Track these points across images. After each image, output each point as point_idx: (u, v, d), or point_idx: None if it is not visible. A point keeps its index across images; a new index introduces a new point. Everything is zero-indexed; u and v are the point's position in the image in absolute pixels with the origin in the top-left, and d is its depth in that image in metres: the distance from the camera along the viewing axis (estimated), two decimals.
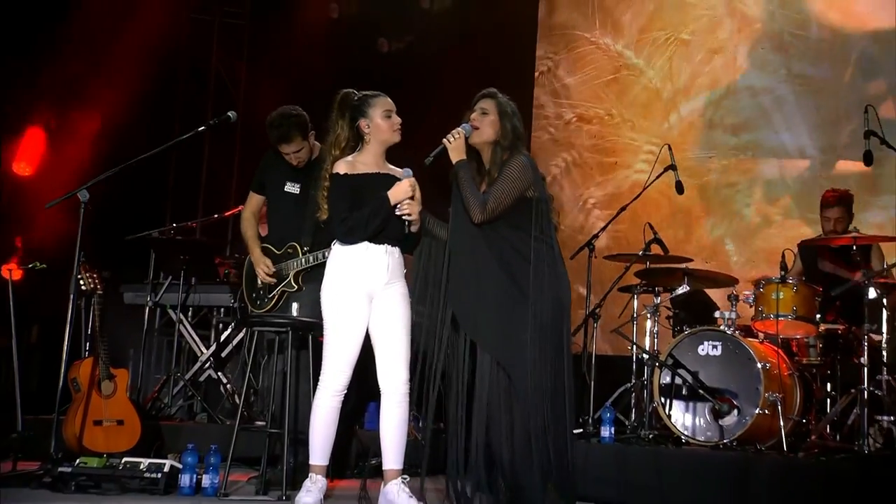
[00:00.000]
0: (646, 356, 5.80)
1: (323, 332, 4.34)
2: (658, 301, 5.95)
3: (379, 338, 4.28)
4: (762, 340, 5.60)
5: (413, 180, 4.25)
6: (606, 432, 5.41)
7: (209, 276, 6.93)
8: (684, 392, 5.44)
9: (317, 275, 4.74)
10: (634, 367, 5.95)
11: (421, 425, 4.65)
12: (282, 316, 4.86)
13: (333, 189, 4.26)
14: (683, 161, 5.96)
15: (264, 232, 5.28)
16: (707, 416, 5.37)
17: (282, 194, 5.14)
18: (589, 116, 8.02)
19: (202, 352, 7.01)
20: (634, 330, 5.95)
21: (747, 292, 5.64)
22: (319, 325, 4.40)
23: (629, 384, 5.97)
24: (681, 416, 5.44)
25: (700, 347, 5.48)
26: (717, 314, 5.64)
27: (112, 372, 5.44)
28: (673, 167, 6.07)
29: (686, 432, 5.38)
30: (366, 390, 4.53)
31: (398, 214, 4.21)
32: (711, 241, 7.21)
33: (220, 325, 7.11)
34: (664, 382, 5.51)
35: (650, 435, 5.49)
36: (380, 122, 4.31)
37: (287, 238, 5.06)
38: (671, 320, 5.99)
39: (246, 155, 8.41)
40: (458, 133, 4.17)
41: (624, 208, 6.26)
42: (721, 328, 5.51)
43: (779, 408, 5.19)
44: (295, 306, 4.85)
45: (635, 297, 6.02)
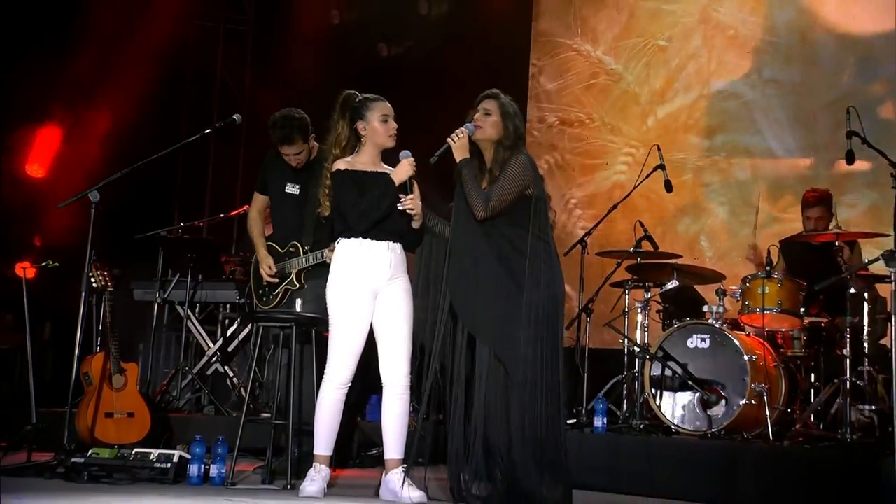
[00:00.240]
0: (637, 349, 5.81)
1: (326, 328, 4.35)
2: (648, 296, 5.96)
3: (382, 332, 4.29)
4: (749, 333, 5.61)
5: (412, 159, 4.27)
6: (599, 422, 5.43)
7: (216, 274, 6.94)
8: (674, 383, 5.45)
9: (318, 273, 4.75)
10: (626, 360, 5.96)
11: (419, 416, 4.66)
12: (286, 312, 4.87)
13: (339, 182, 4.27)
14: (663, 162, 6.02)
15: (271, 231, 5.30)
16: (696, 407, 5.38)
17: (283, 195, 5.16)
18: (571, 120, 8.06)
19: (209, 346, 7.03)
20: (626, 324, 5.96)
21: (734, 287, 5.64)
22: (322, 321, 4.42)
23: (621, 376, 5.98)
24: (670, 407, 5.45)
25: (689, 340, 5.49)
26: (706, 308, 5.66)
27: (122, 366, 5.44)
28: (662, 167, 6.08)
29: (676, 422, 5.40)
30: (368, 383, 4.54)
31: (401, 209, 4.22)
32: (687, 239, 7.25)
33: (227, 321, 7.11)
34: (655, 374, 5.52)
35: (641, 425, 5.50)
36: (376, 126, 4.32)
37: (289, 237, 5.08)
38: (661, 314, 5.99)
39: (250, 156, 8.41)
40: (462, 132, 4.19)
41: (616, 206, 6.26)
42: (709, 322, 5.52)
43: (765, 398, 5.19)
44: (298, 303, 4.86)
45: (626, 293, 6.03)
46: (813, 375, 5.63)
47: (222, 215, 7.37)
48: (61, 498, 3.83)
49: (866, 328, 5.32)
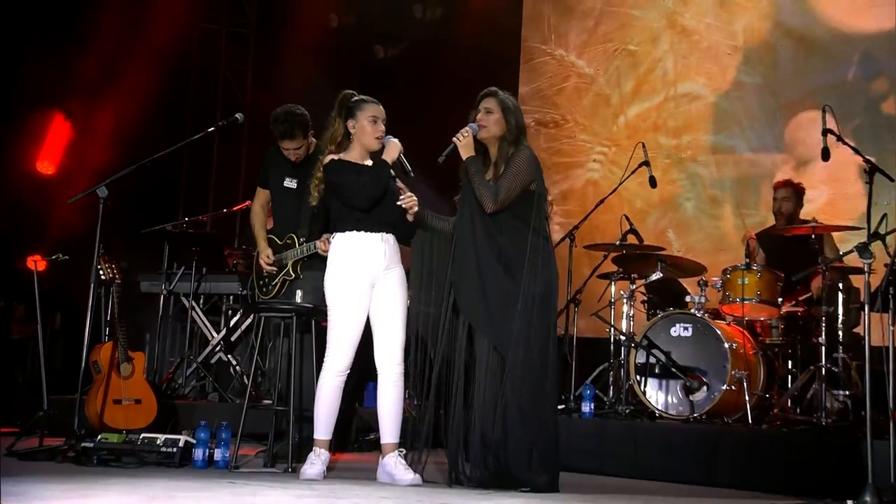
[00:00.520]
0: (622, 338, 5.82)
1: (325, 318, 4.36)
2: (634, 287, 5.97)
3: (377, 321, 4.30)
4: (729, 322, 5.63)
5: (397, 140, 4.30)
6: (587, 408, 5.45)
7: (219, 267, 6.94)
8: (658, 370, 5.48)
9: (315, 264, 4.76)
10: (612, 348, 5.97)
11: (416, 403, 4.67)
12: (287, 302, 4.88)
13: (335, 169, 4.28)
14: (633, 161, 6.07)
15: (272, 225, 5.31)
16: (679, 393, 5.41)
17: (282, 189, 5.17)
18: (546, 121, 8.11)
19: (213, 336, 7.03)
20: (612, 314, 5.97)
21: (715, 278, 5.67)
22: (321, 311, 4.42)
23: (607, 364, 6.00)
24: (655, 393, 5.48)
25: (672, 329, 5.51)
26: (688, 298, 5.69)
27: (130, 355, 5.45)
28: (647, 163, 6.07)
29: (660, 407, 5.42)
30: (365, 371, 4.55)
31: (398, 204, 4.24)
32: (656, 232, 7.30)
33: (230, 312, 7.12)
34: (639, 362, 5.54)
35: (627, 410, 5.52)
36: (364, 125, 4.33)
37: (287, 230, 5.09)
38: (646, 304, 6.02)
39: (252, 154, 8.41)
40: (467, 132, 4.20)
41: (602, 201, 6.22)
42: (691, 311, 5.54)
43: (744, 384, 5.22)
44: (299, 294, 4.86)
45: (613, 284, 6.04)
46: (790, 362, 5.67)
47: (225, 210, 7.37)
48: (72, 481, 3.83)
49: (841, 317, 5.35)
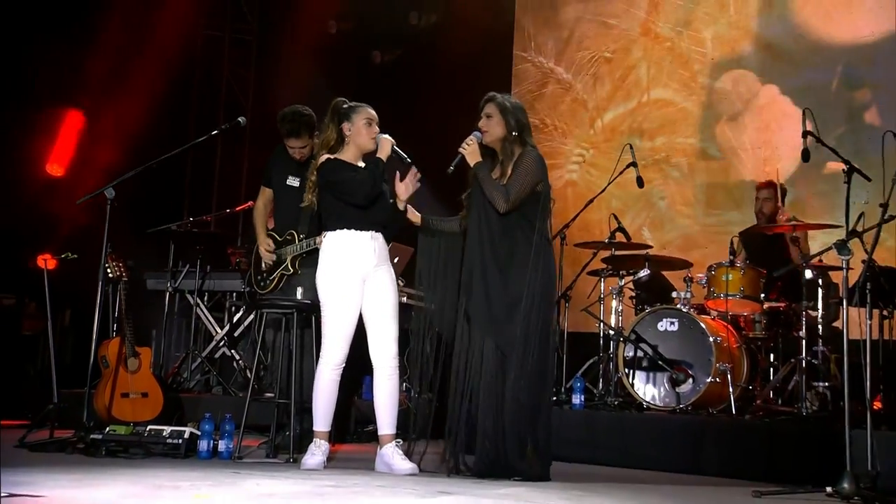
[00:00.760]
0: (611, 332, 5.84)
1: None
2: (622, 283, 5.99)
3: (370, 318, 4.32)
4: (714, 317, 5.65)
5: (387, 135, 4.33)
6: (577, 400, 5.46)
7: (222, 265, 6.95)
8: (645, 364, 5.49)
9: (313, 261, 4.77)
10: (602, 342, 5.99)
11: (413, 395, 4.69)
12: (288, 299, 4.89)
13: (331, 168, 4.31)
14: (609, 162, 6.12)
15: (272, 224, 5.32)
16: (666, 385, 5.42)
17: (284, 187, 5.18)
18: None
19: (217, 332, 7.04)
20: (602, 309, 5.99)
21: (701, 275, 5.69)
22: (321, 308, 4.43)
23: (597, 357, 6.01)
24: (642, 385, 5.49)
25: (659, 324, 5.53)
26: (675, 294, 5.69)
27: (137, 350, 5.46)
28: (634, 164, 6.06)
29: (647, 399, 5.44)
30: (361, 365, 4.57)
31: (413, 178, 4.29)
32: (632, 230, 7.27)
33: (233, 308, 7.12)
34: (628, 355, 5.56)
35: (616, 402, 5.54)
36: (360, 126, 4.36)
37: (287, 227, 5.10)
38: (634, 300, 6.03)
39: (254, 156, 8.42)
40: (471, 140, 4.22)
41: (591, 201, 6.22)
42: (678, 307, 5.56)
43: (728, 376, 5.25)
44: (299, 290, 4.88)
45: (602, 280, 6.06)
46: (772, 355, 5.69)
47: (228, 210, 7.36)
48: (81, 471, 3.85)
49: (820, 312, 5.38)
